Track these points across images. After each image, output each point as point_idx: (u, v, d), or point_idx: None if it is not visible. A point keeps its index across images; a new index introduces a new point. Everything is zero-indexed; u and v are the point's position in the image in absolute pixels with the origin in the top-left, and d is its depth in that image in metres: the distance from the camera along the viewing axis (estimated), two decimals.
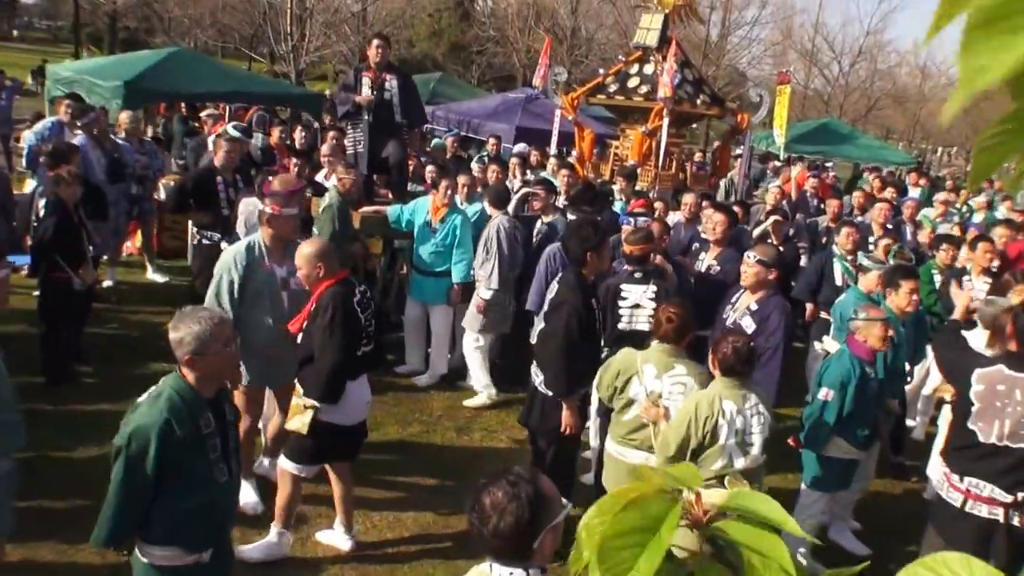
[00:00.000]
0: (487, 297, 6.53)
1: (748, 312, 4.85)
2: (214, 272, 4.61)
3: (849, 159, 20.77)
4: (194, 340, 2.81)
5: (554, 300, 4.63)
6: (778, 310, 4.78)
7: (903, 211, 10.11)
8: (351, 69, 8.13)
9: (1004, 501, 3.67)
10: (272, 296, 4.59)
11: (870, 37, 36.78)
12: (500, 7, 33.99)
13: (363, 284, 4.42)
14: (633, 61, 10.32)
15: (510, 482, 1.96)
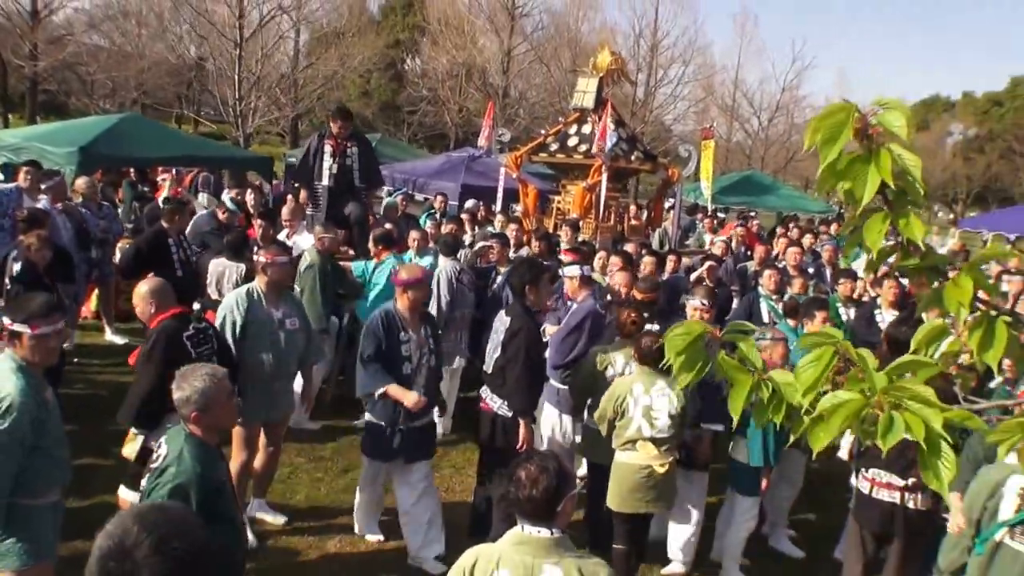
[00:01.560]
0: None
1: None
2: (217, 315, 5.11)
3: (772, 209, 21.95)
4: (200, 397, 3.10)
5: (510, 329, 5.18)
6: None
7: (823, 255, 11.01)
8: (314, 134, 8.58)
9: (899, 485, 4.41)
10: (271, 335, 5.14)
11: (786, 93, 38.78)
12: (431, 67, 34.83)
13: (205, 323, 4.79)
14: (572, 122, 11.02)
15: (540, 459, 2.60)
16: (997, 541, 3.55)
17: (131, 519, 1.56)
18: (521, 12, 32.87)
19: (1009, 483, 3.57)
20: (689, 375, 1.48)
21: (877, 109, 1.25)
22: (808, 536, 6.05)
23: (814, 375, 1.34)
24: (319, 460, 6.62)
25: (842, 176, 1.20)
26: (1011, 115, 56.45)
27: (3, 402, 3.30)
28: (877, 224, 1.29)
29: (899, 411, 1.24)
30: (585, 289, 6.25)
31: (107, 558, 1.51)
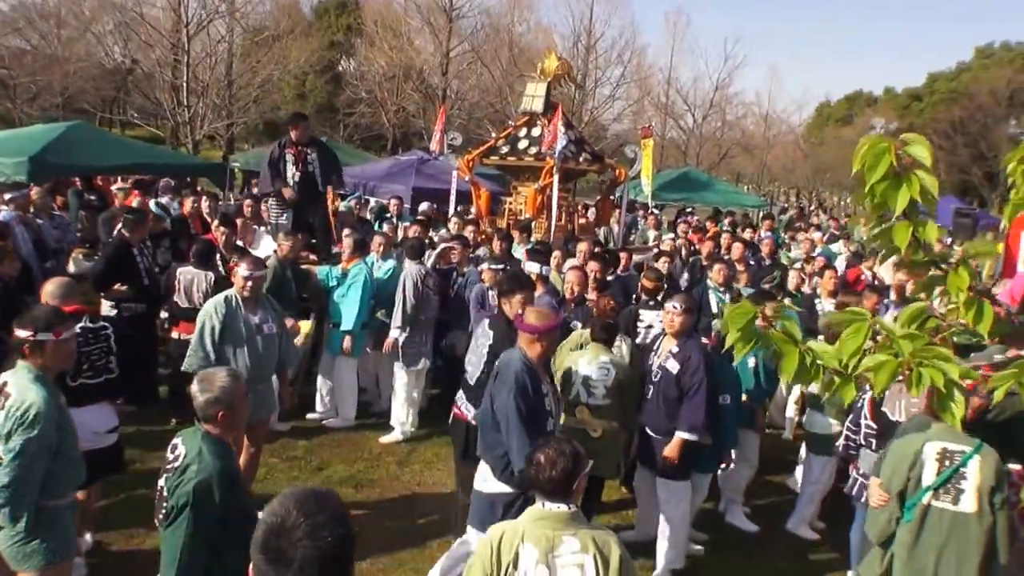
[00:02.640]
0: (395, 336, 7.27)
1: (671, 355, 5.37)
2: (196, 321, 5.44)
3: (709, 204, 22.62)
4: (226, 396, 3.28)
5: (493, 348, 5.25)
6: (696, 350, 5.32)
7: (761, 249, 11.60)
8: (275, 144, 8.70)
9: None
10: (249, 340, 5.39)
11: (719, 91, 39.82)
12: (368, 69, 34.74)
13: (101, 324, 4.98)
14: (521, 125, 11.32)
15: (556, 443, 2.95)
16: (925, 504, 3.92)
17: (293, 502, 1.77)
18: (459, 14, 33.07)
19: (926, 450, 3.93)
20: (745, 348, 1.86)
21: (905, 143, 1.70)
22: (760, 512, 6.50)
23: (856, 343, 1.76)
24: (293, 460, 6.79)
25: (881, 193, 1.60)
26: (929, 110, 58.94)
27: (30, 411, 3.45)
28: (904, 230, 1.76)
29: (924, 367, 1.67)
30: (541, 287, 6.61)
31: (269, 533, 1.74)
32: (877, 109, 65.57)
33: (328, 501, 1.83)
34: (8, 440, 3.45)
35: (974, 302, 1.83)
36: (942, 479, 3.88)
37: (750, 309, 1.87)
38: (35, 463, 3.47)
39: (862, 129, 61.17)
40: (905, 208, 1.75)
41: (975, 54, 64.16)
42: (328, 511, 1.79)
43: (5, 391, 3.56)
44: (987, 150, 49.25)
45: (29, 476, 3.46)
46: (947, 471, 3.87)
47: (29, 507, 3.50)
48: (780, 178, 54.85)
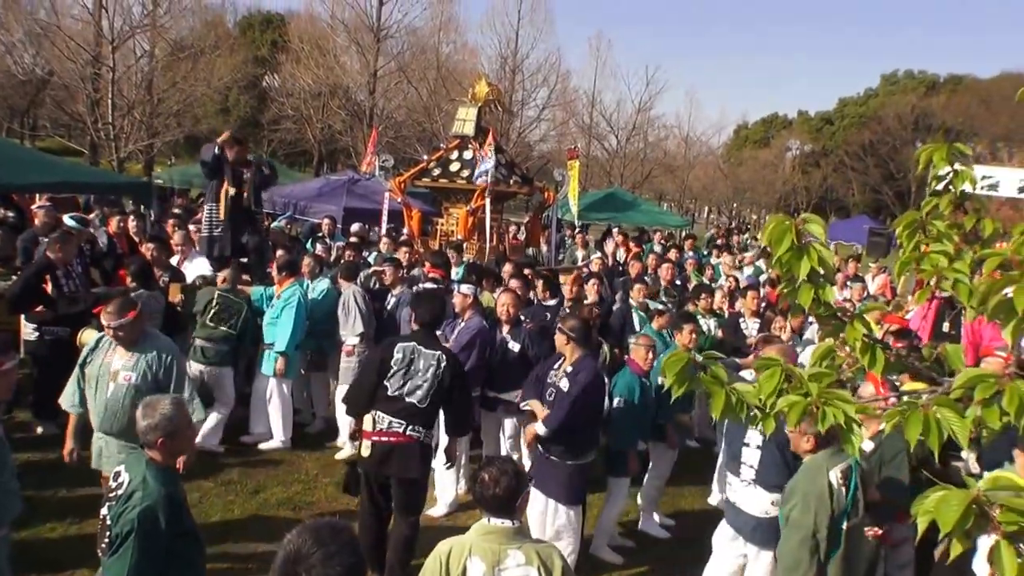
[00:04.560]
0: (355, 342, 7.40)
1: (565, 375, 5.54)
2: None
3: (634, 223, 23.20)
4: (168, 424, 3.33)
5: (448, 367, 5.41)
6: (585, 370, 5.46)
7: (687, 268, 12.06)
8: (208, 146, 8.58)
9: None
10: (99, 384, 4.82)
11: (641, 114, 40.84)
12: (294, 85, 34.43)
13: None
14: (453, 148, 11.51)
15: (500, 463, 3.12)
16: (846, 529, 4.07)
17: (308, 533, 1.94)
18: (386, 33, 33.11)
19: (831, 477, 4.06)
20: (680, 388, 2.14)
21: (805, 221, 2.11)
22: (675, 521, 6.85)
23: (772, 384, 2.08)
24: (228, 483, 6.74)
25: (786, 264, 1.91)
26: (841, 133, 61.63)
27: None
28: (807, 291, 2.15)
29: (828, 406, 2.00)
30: (473, 307, 6.80)
31: (286, 561, 1.89)
32: (792, 132, 68.26)
33: (341, 532, 2.01)
34: None
35: (868, 349, 2.20)
36: (851, 499, 4.09)
37: (683, 356, 2.15)
38: None
39: (779, 151, 63.63)
40: (807, 274, 2.13)
41: (881, 81, 67.51)
42: (340, 541, 1.97)
43: None
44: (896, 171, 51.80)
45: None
46: (851, 490, 4.09)
47: None
48: (701, 197, 56.56)
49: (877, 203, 53.92)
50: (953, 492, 1.67)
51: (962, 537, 1.65)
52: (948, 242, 2.25)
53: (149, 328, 5.17)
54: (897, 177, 51.85)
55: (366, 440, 5.16)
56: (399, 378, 5.14)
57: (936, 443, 1.87)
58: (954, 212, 2.34)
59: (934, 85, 61.53)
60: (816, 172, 57.97)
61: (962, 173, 2.33)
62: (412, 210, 11.64)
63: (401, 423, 5.11)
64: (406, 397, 5.13)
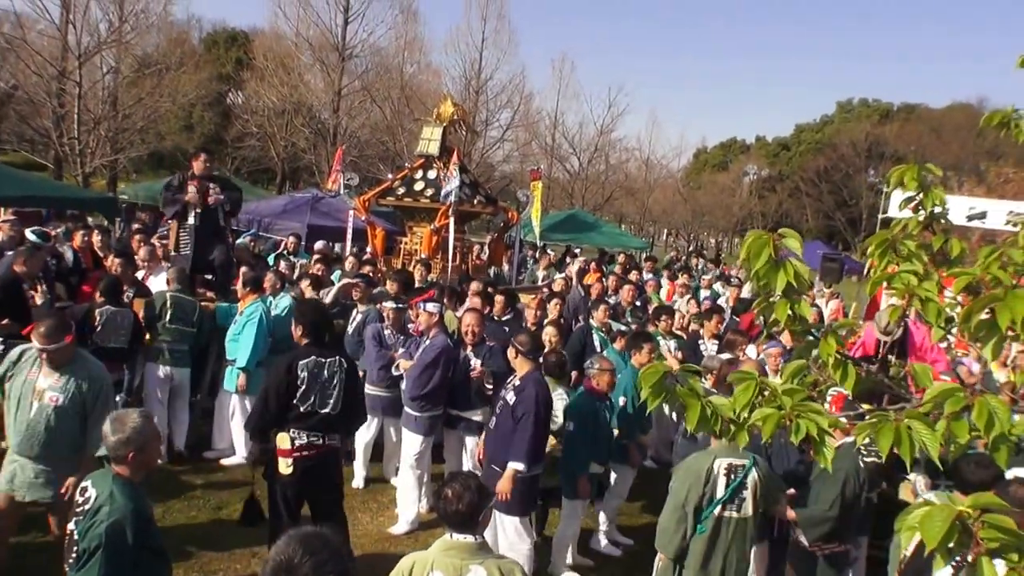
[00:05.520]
0: None
1: (512, 388, 5.78)
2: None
3: (594, 245, 23.50)
4: (139, 437, 3.38)
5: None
6: (532, 383, 5.65)
7: (646, 289, 12.31)
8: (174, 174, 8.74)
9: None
10: (22, 402, 4.71)
11: (603, 136, 41.32)
12: (261, 103, 34.34)
13: None
14: (417, 167, 11.68)
15: (463, 479, 3.21)
16: (716, 516, 4.52)
17: (297, 542, 2.00)
18: (351, 53, 33.23)
19: (715, 466, 4.52)
20: (656, 400, 2.25)
21: (782, 236, 2.22)
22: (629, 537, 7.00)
23: (747, 397, 2.20)
24: (191, 499, 6.77)
25: (764, 276, 2.19)
26: (797, 158, 62.95)
27: None
28: (783, 306, 2.28)
29: (801, 419, 2.11)
30: (437, 326, 6.94)
31: (277, 570, 1.95)
32: (750, 156, 69.49)
33: (329, 541, 2.08)
34: None
35: (840, 364, 2.31)
36: (730, 491, 4.50)
37: (660, 368, 2.26)
38: None
39: (736, 175, 64.71)
40: (783, 289, 2.24)
41: (837, 108, 69.20)
42: (329, 550, 2.04)
43: None
44: (849, 197, 53.05)
45: None
46: (734, 483, 4.51)
47: None
48: (660, 220, 57.20)
49: (830, 229, 55.11)
50: (937, 508, 1.73)
51: (945, 553, 1.70)
52: (917, 261, 2.34)
53: (80, 351, 5.06)
54: (850, 203, 53.08)
55: (285, 459, 5.19)
56: (309, 394, 5.22)
57: (908, 453, 1.95)
58: (922, 232, 2.45)
59: (888, 113, 63.20)
60: (772, 197, 59.04)
61: (932, 194, 2.44)
62: (376, 228, 11.76)
63: (319, 435, 5.25)
64: (320, 410, 5.24)
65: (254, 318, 7.47)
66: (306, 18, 33.29)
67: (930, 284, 2.28)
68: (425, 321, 6.84)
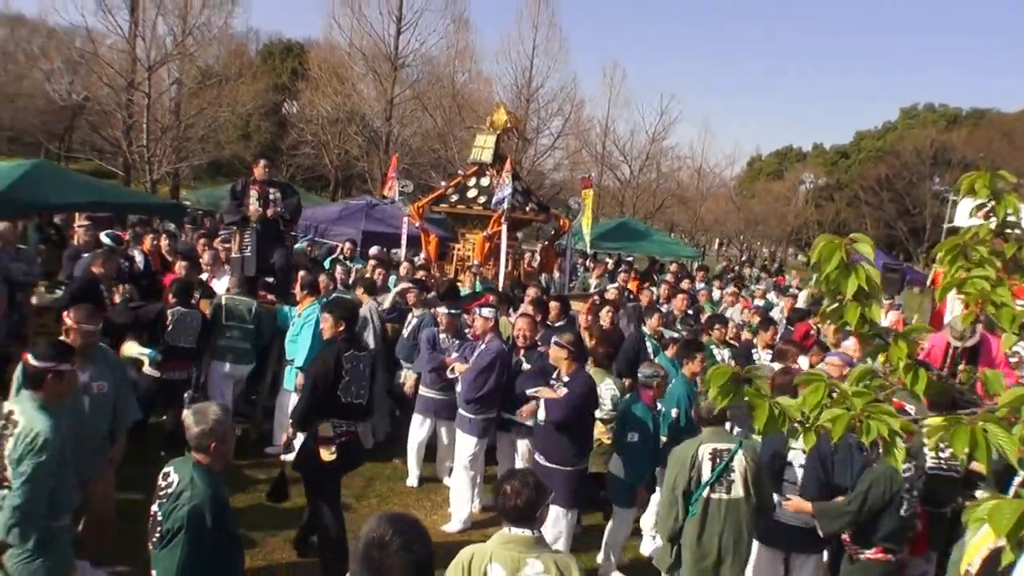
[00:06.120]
0: None
1: (563, 383, 6.01)
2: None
3: (646, 253, 23.44)
4: (219, 428, 3.62)
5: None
6: (581, 380, 5.97)
7: (699, 298, 12.29)
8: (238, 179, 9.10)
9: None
10: (74, 399, 4.79)
11: (654, 144, 41.10)
12: (315, 112, 35.04)
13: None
14: (470, 175, 11.86)
15: (521, 476, 3.34)
16: (705, 498, 4.74)
17: (387, 522, 2.17)
18: (403, 62, 33.70)
19: (700, 452, 4.78)
20: (724, 400, 2.32)
21: (853, 240, 2.24)
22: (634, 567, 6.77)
23: (816, 399, 2.21)
24: (254, 493, 6.97)
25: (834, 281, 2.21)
26: (856, 166, 61.47)
27: (38, 438, 3.78)
28: (854, 309, 2.28)
29: (872, 419, 2.12)
30: (492, 330, 7.06)
31: (369, 547, 2.11)
32: (806, 165, 68.18)
33: (415, 523, 2.24)
34: (19, 465, 3.75)
35: (912, 368, 2.31)
36: (716, 474, 4.74)
37: (728, 369, 2.30)
38: (43, 486, 3.78)
39: (792, 183, 63.55)
40: (854, 292, 2.26)
41: (900, 114, 67.23)
42: (416, 531, 2.20)
43: (12, 419, 3.86)
44: (912, 206, 51.44)
45: (38, 498, 3.76)
46: (720, 466, 4.74)
47: (37, 527, 3.79)
48: (712, 229, 56.50)
49: (891, 239, 53.65)
50: (1007, 501, 1.74)
51: (1015, 544, 1.71)
52: (990, 267, 2.32)
53: None
54: (913, 213, 51.48)
55: (328, 447, 5.49)
56: (350, 385, 5.59)
57: (983, 457, 1.93)
58: (994, 240, 2.41)
59: (955, 119, 61.10)
60: (830, 206, 57.78)
61: (1004, 201, 2.41)
62: (430, 235, 11.96)
63: (353, 424, 5.71)
64: (354, 400, 5.63)
65: (311, 320, 7.69)
66: (359, 29, 33.85)
67: (1003, 290, 2.26)
68: (481, 326, 6.98)
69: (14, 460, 3.76)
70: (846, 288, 2.21)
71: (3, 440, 3.85)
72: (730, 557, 4.73)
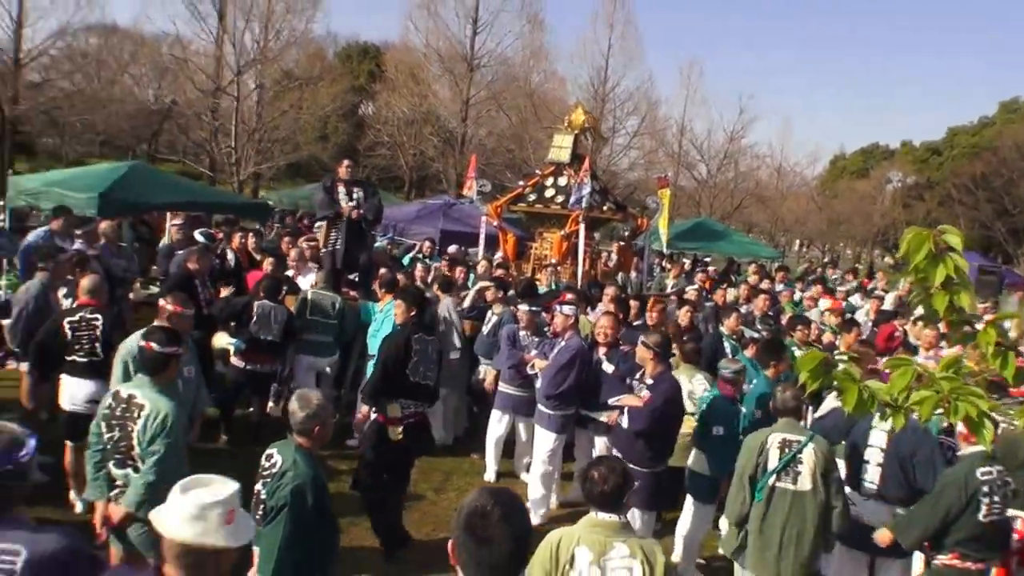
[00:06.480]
0: (455, 356, 7.99)
1: (646, 386, 6.07)
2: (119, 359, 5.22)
3: (724, 254, 23.07)
4: (322, 413, 3.83)
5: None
6: (666, 383, 5.98)
7: (780, 300, 12.03)
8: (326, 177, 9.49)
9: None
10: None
11: (732, 143, 40.43)
12: (392, 114, 35.67)
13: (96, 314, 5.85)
14: (548, 174, 11.91)
15: (608, 463, 3.44)
16: (771, 486, 4.79)
17: (488, 495, 2.29)
18: (479, 63, 34.02)
19: (770, 440, 4.85)
20: (815, 383, 2.37)
21: (942, 232, 2.30)
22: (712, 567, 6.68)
23: (904, 381, 2.28)
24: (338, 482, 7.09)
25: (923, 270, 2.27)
26: (949, 163, 58.84)
27: (167, 419, 4.07)
28: (942, 297, 2.32)
29: (960, 401, 2.17)
30: (572, 327, 7.09)
31: (471, 516, 2.23)
32: (894, 162, 65.75)
33: (515, 498, 2.36)
34: (150, 445, 4.03)
35: (1001, 353, 2.33)
36: (783, 463, 4.78)
37: (819, 355, 2.38)
38: (171, 464, 4.04)
39: (878, 182, 61.38)
40: (942, 281, 2.30)
41: (999, 108, 63.92)
42: (516, 505, 2.31)
43: (135, 402, 4.12)
44: (1012, 205, 48.60)
45: (167, 475, 3.94)
46: (787, 456, 4.78)
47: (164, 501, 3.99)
48: (793, 229, 55.18)
49: (988, 240, 51.04)
50: None
51: None
52: None
53: None
54: (1012, 212, 48.76)
55: (395, 427, 5.74)
56: (418, 366, 5.84)
57: None
58: None
59: None
60: (919, 206, 55.45)
61: None
62: (507, 234, 12.05)
63: (421, 404, 5.96)
64: (422, 381, 5.87)
65: (391, 316, 7.85)
66: (436, 30, 34.32)
67: None
68: (561, 323, 7.03)
69: (145, 441, 4.04)
70: (934, 277, 2.26)
71: (129, 423, 4.11)
72: (792, 549, 4.74)
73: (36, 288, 7.00)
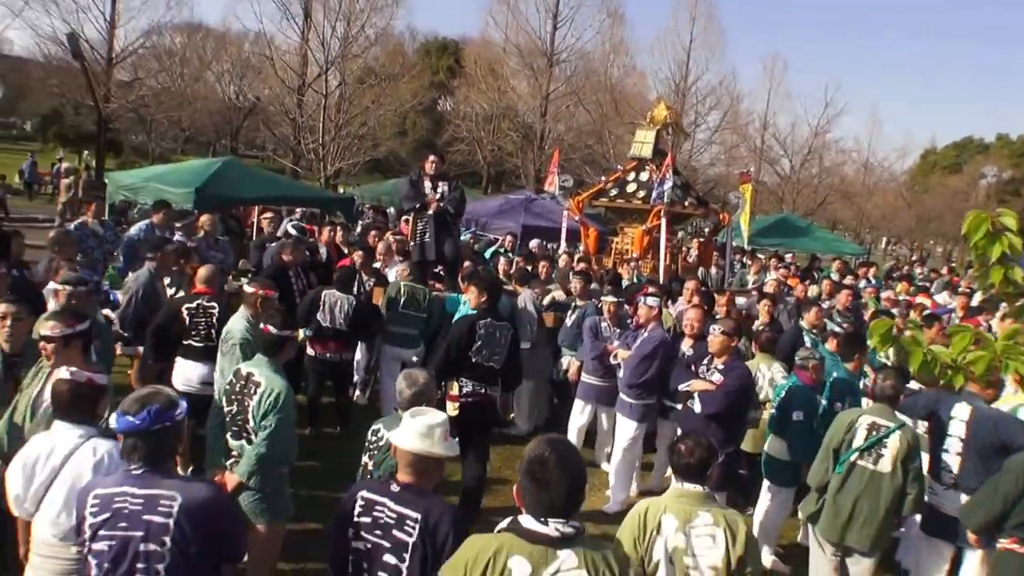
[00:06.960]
0: (526, 347, 8.02)
1: (718, 370, 6.10)
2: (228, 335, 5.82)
3: (806, 250, 22.66)
4: (428, 390, 4.09)
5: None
6: (738, 368, 6.09)
7: (863, 295, 11.86)
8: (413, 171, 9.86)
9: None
10: None
11: (817, 138, 39.52)
12: (471, 109, 36.09)
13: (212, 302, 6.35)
14: (630, 170, 11.97)
15: (695, 436, 3.61)
16: (852, 462, 5.09)
17: (545, 443, 2.64)
18: (559, 58, 34.12)
19: (860, 420, 5.13)
20: (885, 346, 2.69)
21: (999, 215, 2.54)
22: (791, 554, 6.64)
23: (963, 344, 2.54)
24: None
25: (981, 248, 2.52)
26: None
27: (280, 396, 4.39)
28: (998, 271, 2.57)
29: (1011, 360, 2.43)
30: (656, 318, 7.19)
31: (532, 463, 2.57)
32: (988, 156, 63.07)
33: (569, 444, 2.71)
34: (264, 419, 4.35)
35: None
36: (868, 444, 5.06)
37: (888, 322, 2.65)
38: (282, 438, 4.38)
39: (971, 178, 58.88)
40: (999, 257, 2.53)
41: None
42: (570, 449, 2.66)
43: (252, 380, 4.46)
44: None
45: (279, 448, 4.38)
46: (873, 438, 5.05)
47: (273, 474, 4.44)
48: (880, 226, 53.50)
49: None
50: None
51: None
52: None
53: None
54: None
55: (453, 403, 6.12)
56: (483, 349, 6.15)
57: None
58: None
59: None
60: (1016, 202, 53.08)
61: None
62: (589, 228, 12.18)
63: (483, 385, 6.21)
64: (485, 363, 6.18)
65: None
66: (515, 25, 34.60)
67: None
68: (645, 314, 7.14)
69: (259, 415, 4.37)
70: (992, 253, 2.50)
71: (246, 398, 4.44)
72: (861, 519, 5.01)
73: (145, 277, 7.38)
